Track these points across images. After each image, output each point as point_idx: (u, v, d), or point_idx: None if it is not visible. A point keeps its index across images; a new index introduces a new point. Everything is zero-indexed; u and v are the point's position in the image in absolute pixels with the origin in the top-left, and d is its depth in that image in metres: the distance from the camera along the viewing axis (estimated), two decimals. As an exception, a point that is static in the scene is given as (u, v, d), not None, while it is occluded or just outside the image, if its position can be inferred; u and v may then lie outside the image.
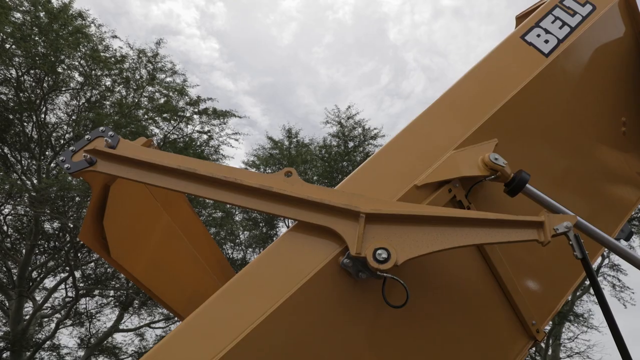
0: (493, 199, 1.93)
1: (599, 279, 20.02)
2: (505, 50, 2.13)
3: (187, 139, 17.82)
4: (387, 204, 1.58)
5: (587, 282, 18.98)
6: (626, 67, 2.50)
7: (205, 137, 18.25)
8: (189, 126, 17.86)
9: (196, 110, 17.69)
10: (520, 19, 2.70)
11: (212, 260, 2.75)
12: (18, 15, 13.77)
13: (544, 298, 2.16)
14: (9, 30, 13.03)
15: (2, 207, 14.91)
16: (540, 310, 2.09)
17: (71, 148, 1.85)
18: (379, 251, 1.46)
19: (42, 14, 14.07)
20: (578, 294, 18.44)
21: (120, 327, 17.85)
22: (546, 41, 2.13)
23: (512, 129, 2.01)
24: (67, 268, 15.47)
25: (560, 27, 2.18)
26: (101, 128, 1.86)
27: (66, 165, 1.79)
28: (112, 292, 17.71)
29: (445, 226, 1.53)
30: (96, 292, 17.35)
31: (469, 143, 1.84)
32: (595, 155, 2.45)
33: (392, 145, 1.85)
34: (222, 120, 18.10)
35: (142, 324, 18.62)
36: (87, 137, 1.87)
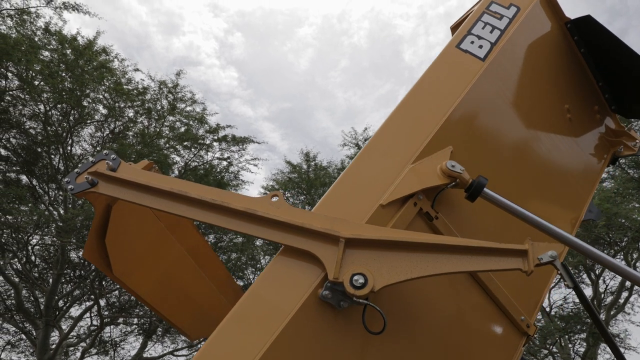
0: (459, 206, 1.92)
1: (633, 296, 18.97)
2: (444, 61, 2.18)
3: (207, 166, 18.15)
4: (369, 228, 1.56)
5: (622, 300, 18.17)
6: (559, 57, 2.59)
7: (225, 163, 18.58)
8: (209, 153, 18.25)
9: (216, 137, 18.09)
10: (454, 29, 2.78)
11: (220, 278, 2.77)
12: (46, 53, 14.51)
13: (527, 292, 2.12)
14: (38, 68, 13.72)
15: (31, 238, 15.37)
16: (526, 305, 2.06)
17: (76, 170, 1.93)
18: (355, 277, 1.43)
19: (68, 51, 14.78)
20: (612, 312, 17.60)
21: (144, 355, 17.91)
22: (480, 46, 2.19)
23: (464, 135, 2.03)
24: (92, 296, 15.72)
25: (491, 32, 2.25)
26: (105, 151, 1.94)
27: (70, 187, 1.87)
28: (135, 320, 17.85)
29: (425, 253, 1.50)
30: (120, 320, 17.52)
31: (425, 154, 1.83)
32: (548, 145, 2.49)
33: (352, 168, 1.83)
34: (240, 146, 18.43)
35: (165, 352, 18.65)
36: (91, 160, 1.95)
